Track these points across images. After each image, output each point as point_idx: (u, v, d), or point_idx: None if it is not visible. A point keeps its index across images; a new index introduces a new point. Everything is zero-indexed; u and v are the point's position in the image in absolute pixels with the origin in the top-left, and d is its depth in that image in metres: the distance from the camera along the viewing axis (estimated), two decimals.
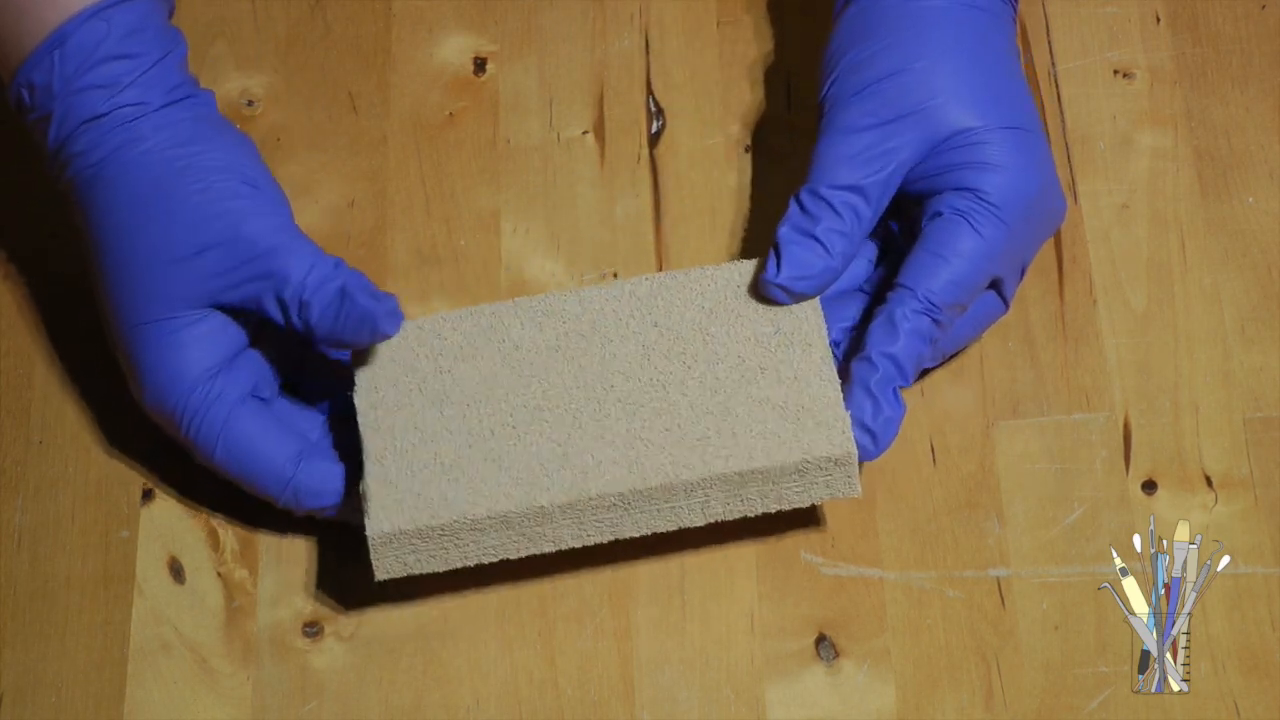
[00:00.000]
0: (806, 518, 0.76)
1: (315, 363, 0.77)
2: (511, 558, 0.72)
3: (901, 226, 0.77)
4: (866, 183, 0.73)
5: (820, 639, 0.74)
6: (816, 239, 0.73)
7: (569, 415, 0.72)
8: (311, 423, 0.75)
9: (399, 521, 0.71)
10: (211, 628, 0.76)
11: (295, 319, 0.72)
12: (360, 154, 0.85)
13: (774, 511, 0.72)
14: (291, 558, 0.77)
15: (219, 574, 0.76)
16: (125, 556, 0.77)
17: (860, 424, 0.72)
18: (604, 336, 0.74)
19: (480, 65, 0.86)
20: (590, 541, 0.72)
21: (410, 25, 0.87)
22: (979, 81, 0.74)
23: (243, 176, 0.74)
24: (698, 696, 0.74)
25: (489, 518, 0.71)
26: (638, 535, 0.72)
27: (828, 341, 0.73)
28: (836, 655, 0.74)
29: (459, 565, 0.72)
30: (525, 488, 0.71)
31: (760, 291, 0.74)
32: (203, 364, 0.73)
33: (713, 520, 0.72)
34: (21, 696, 0.75)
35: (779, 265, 0.73)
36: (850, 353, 0.74)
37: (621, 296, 0.75)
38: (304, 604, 0.76)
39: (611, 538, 0.72)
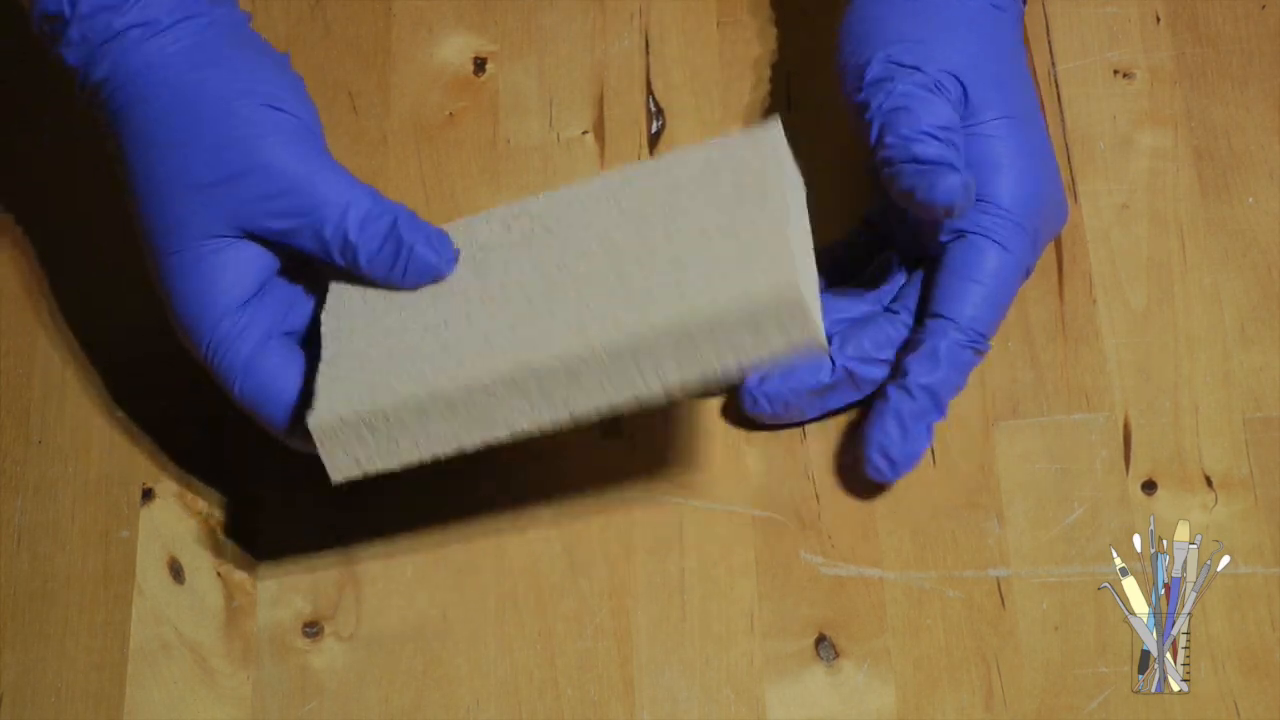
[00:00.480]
0: (806, 517, 0.76)
1: None
2: (467, 447, 0.69)
3: (913, 233, 0.76)
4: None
5: (820, 639, 0.74)
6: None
7: (522, 299, 0.69)
8: None
9: (340, 409, 0.68)
10: (211, 628, 0.76)
11: (338, 258, 0.71)
12: (360, 154, 0.85)
13: (736, 376, 0.68)
14: (291, 557, 0.77)
15: (219, 574, 0.77)
16: (125, 556, 0.77)
17: (883, 451, 0.73)
18: (568, 226, 0.71)
19: (480, 65, 0.86)
20: (546, 424, 0.68)
21: (410, 25, 0.87)
22: (990, 68, 0.74)
23: (265, 97, 0.71)
24: (698, 696, 0.74)
25: (432, 398, 0.68)
26: (596, 415, 0.68)
27: (785, 197, 0.69)
28: (836, 655, 0.74)
29: (413, 459, 0.69)
30: (469, 366, 0.68)
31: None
32: (230, 296, 0.71)
33: (673, 393, 0.67)
34: (21, 697, 0.75)
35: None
36: (879, 370, 0.75)
37: (589, 189, 0.72)
38: (304, 604, 0.76)
39: (568, 417, 0.68)
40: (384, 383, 0.68)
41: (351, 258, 0.71)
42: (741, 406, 0.76)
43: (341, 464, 0.69)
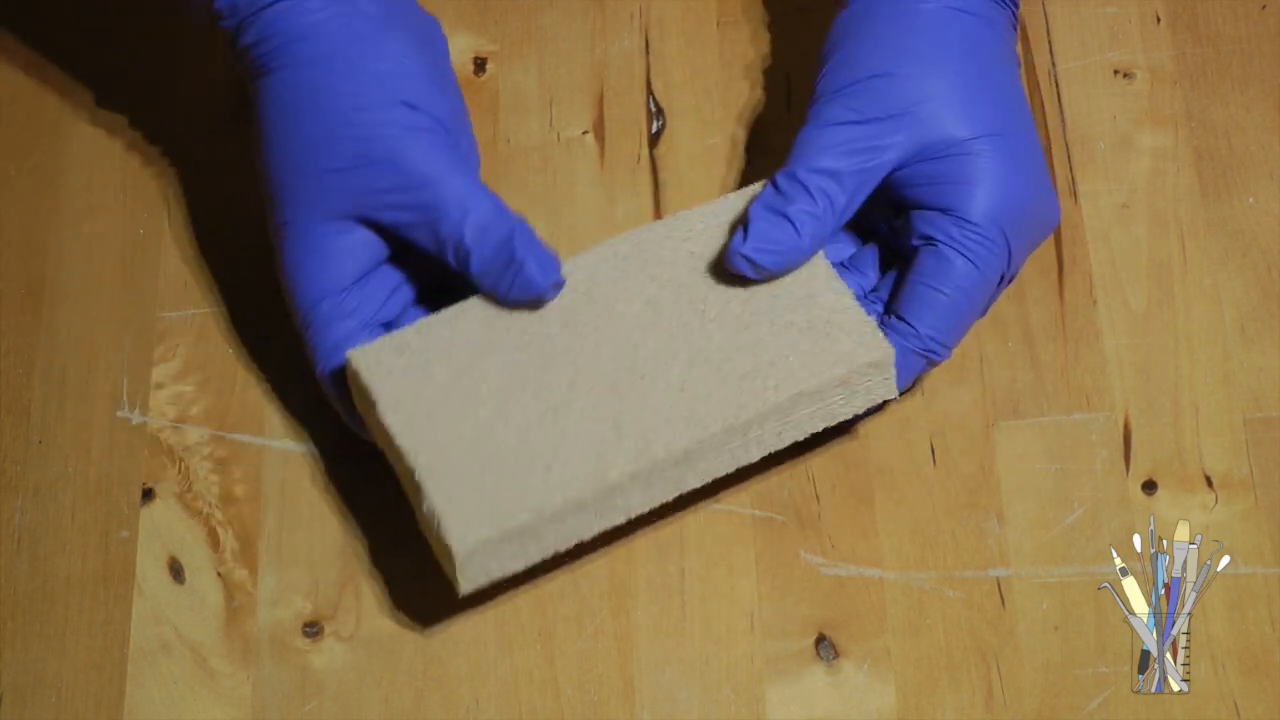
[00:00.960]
0: (806, 517, 0.76)
1: (452, 281, 0.76)
2: (586, 539, 0.71)
3: (890, 229, 0.76)
4: (845, 172, 0.73)
5: (820, 639, 0.74)
6: (787, 218, 0.73)
7: (604, 387, 0.72)
8: None
9: (481, 531, 0.69)
10: (211, 628, 0.76)
11: (451, 259, 0.72)
12: None
13: (820, 430, 0.73)
14: (291, 558, 0.77)
15: (219, 574, 0.76)
16: (125, 556, 0.77)
17: None
18: (605, 300, 0.74)
19: (480, 65, 0.86)
20: (657, 503, 0.72)
21: None
22: (970, 88, 0.74)
23: (404, 89, 0.73)
24: (698, 696, 0.74)
25: (566, 505, 0.70)
26: (699, 485, 0.72)
27: (826, 258, 0.74)
28: (836, 655, 0.74)
29: (537, 559, 0.71)
30: (593, 466, 0.70)
31: (726, 262, 0.73)
32: (334, 277, 0.73)
33: (766, 453, 0.72)
34: (21, 696, 0.75)
35: (745, 236, 0.73)
36: None
37: (608, 257, 0.75)
38: (304, 604, 0.76)
39: (676, 494, 0.72)
40: (510, 495, 0.70)
41: (464, 261, 0.72)
42: None
43: (476, 578, 0.70)
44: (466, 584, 0.70)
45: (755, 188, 0.76)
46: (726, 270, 0.74)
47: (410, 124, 0.73)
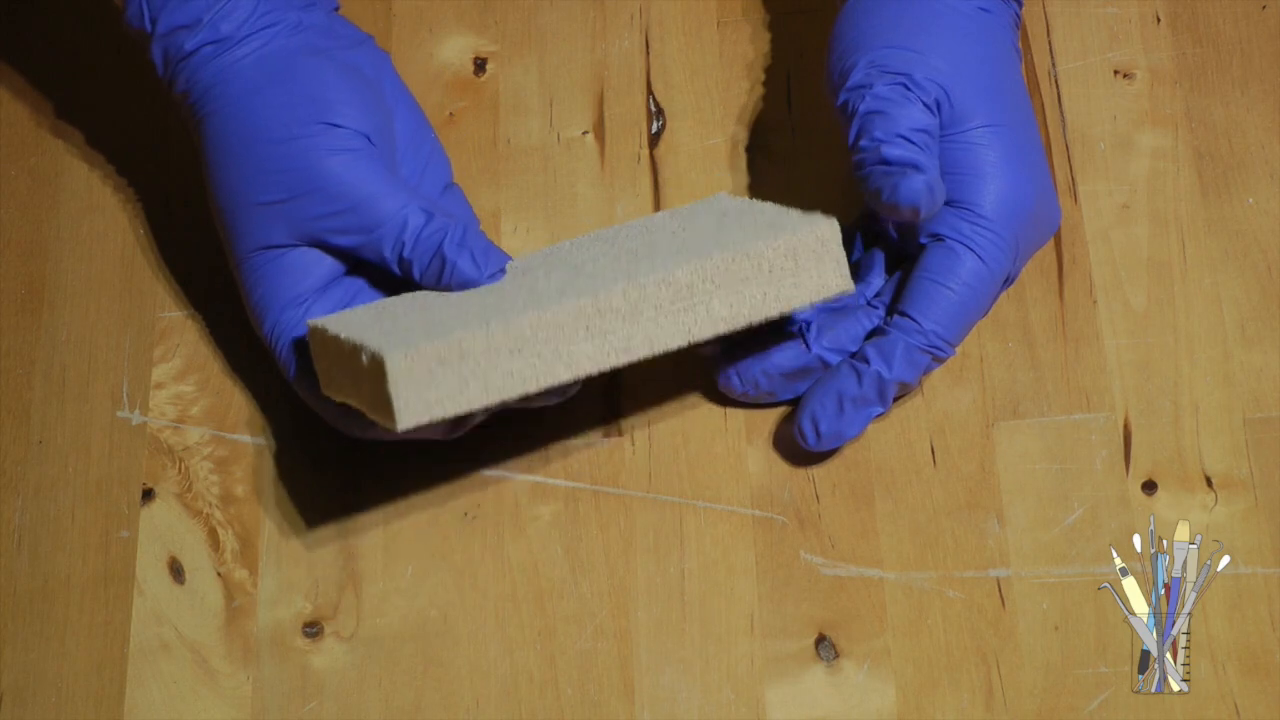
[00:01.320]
0: (806, 517, 0.76)
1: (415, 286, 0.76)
2: (530, 390, 0.69)
3: (897, 229, 0.76)
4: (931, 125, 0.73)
5: (820, 639, 0.74)
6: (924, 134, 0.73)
7: (556, 289, 0.71)
8: None
9: (414, 345, 0.68)
10: (211, 628, 0.76)
11: (396, 270, 0.74)
12: None
13: (775, 315, 0.72)
14: (291, 558, 0.77)
15: (219, 574, 0.76)
16: (125, 556, 0.77)
17: (814, 421, 0.74)
18: (560, 258, 0.75)
19: (480, 65, 0.86)
20: (606, 364, 0.70)
21: (410, 25, 0.87)
22: (978, 75, 0.74)
23: (324, 111, 0.74)
24: (698, 696, 0.74)
25: (502, 332, 0.68)
26: (651, 354, 0.70)
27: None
28: (836, 655, 0.74)
29: (480, 403, 0.69)
30: (534, 304, 0.70)
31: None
32: (294, 292, 0.74)
33: (719, 330, 0.71)
34: (21, 696, 0.75)
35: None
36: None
37: (596, 242, 0.76)
38: (304, 604, 0.76)
39: (625, 358, 0.70)
40: (451, 326, 0.69)
41: (407, 271, 0.74)
42: (716, 383, 0.77)
43: (412, 406, 0.68)
44: (403, 413, 0.67)
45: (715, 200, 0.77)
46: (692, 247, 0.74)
47: (334, 145, 0.74)
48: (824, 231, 0.72)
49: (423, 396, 0.68)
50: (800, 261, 0.72)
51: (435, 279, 0.74)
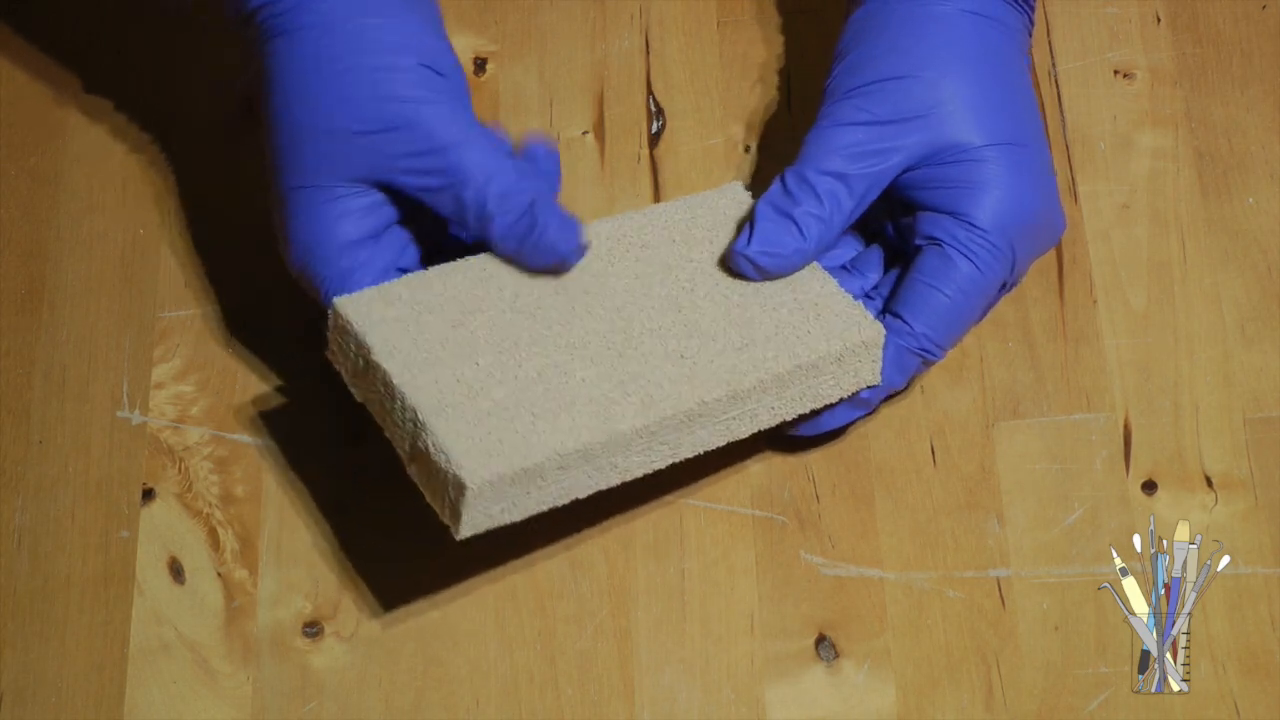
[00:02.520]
0: (806, 517, 0.76)
1: (451, 246, 0.76)
2: (582, 496, 0.71)
3: (895, 229, 0.76)
4: (853, 174, 0.73)
5: (820, 639, 0.74)
6: (793, 220, 0.73)
7: (603, 348, 0.72)
8: None
9: (495, 467, 0.68)
10: (211, 628, 0.76)
11: (472, 223, 0.72)
12: None
13: (808, 411, 0.73)
14: (291, 558, 0.77)
15: (219, 574, 0.76)
16: (125, 556, 0.77)
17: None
18: (596, 273, 0.74)
19: (480, 65, 0.86)
20: (653, 468, 0.71)
21: None
22: (984, 95, 0.74)
23: (423, 56, 0.72)
24: (698, 696, 0.74)
25: (575, 452, 0.69)
26: (694, 454, 0.72)
27: (820, 269, 0.75)
28: (836, 655, 0.74)
29: (535, 511, 0.70)
30: (601, 418, 0.70)
31: (728, 262, 0.74)
32: (351, 235, 0.73)
33: (757, 429, 0.72)
34: (21, 696, 0.75)
35: (750, 238, 0.73)
36: None
37: (598, 235, 0.75)
38: (304, 604, 0.76)
39: (671, 460, 0.72)
40: (519, 438, 0.69)
41: (486, 226, 0.72)
42: None
43: (477, 521, 0.69)
44: (468, 527, 0.69)
45: (735, 189, 0.77)
46: (718, 260, 0.74)
47: (433, 88, 0.72)
48: (871, 335, 0.73)
49: (488, 511, 0.69)
50: (845, 364, 0.73)
51: (519, 240, 0.72)
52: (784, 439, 0.76)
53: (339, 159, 0.72)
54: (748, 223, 0.74)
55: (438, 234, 0.76)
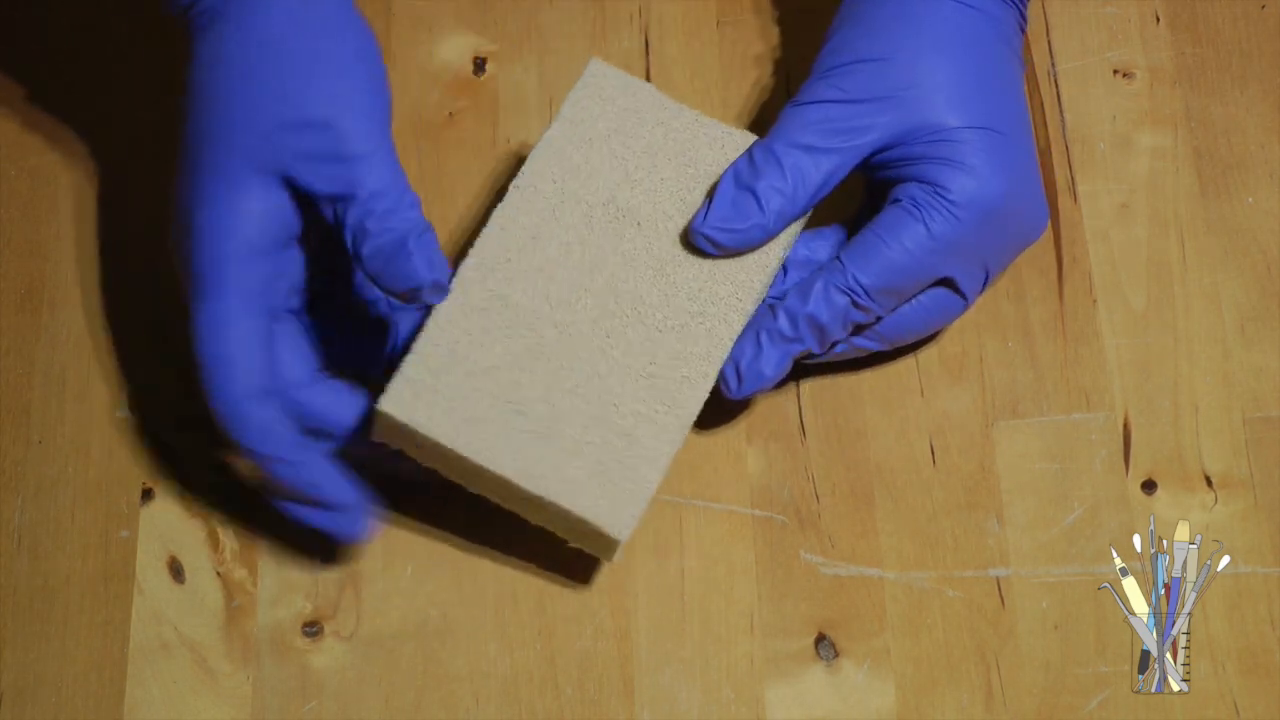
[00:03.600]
0: (806, 517, 0.76)
1: (342, 287, 0.75)
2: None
3: (869, 212, 0.77)
4: (822, 149, 0.73)
5: (820, 639, 0.74)
6: (753, 193, 0.73)
7: (591, 409, 0.72)
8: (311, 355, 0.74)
9: (633, 513, 0.70)
10: (211, 628, 0.76)
11: (348, 236, 0.70)
12: None
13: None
14: (291, 558, 0.77)
15: (219, 574, 0.77)
16: (125, 556, 0.77)
17: (734, 362, 0.73)
18: (581, 266, 0.74)
19: (480, 65, 0.86)
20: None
21: (410, 25, 0.87)
22: (962, 79, 0.73)
23: (356, 63, 0.71)
24: (698, 696, 0.74)
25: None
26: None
27: (727, 350, 0.74)
28: (836, 655, 0.74)
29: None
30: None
31: (687, 238, 0.74)
32: (253, 238, 0.70)
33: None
34: (21, 696, 0.75)
35: (707, 212, 0.73)
36: None
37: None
38: (304, 604, 0.76)
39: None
40: (627, 474, 0.71)
41: (359, 241, 0.70)
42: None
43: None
44: (619, 554, 0.72)
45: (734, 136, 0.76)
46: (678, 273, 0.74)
47: (358, 96, 0.71)
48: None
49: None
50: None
51: (384, 261, 0.70)
52: (795, 444, 0.76)
53: (253, 149, 0.70)
54: (707, 196, 0.74)
55: (326, 268, 0.74)
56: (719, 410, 0.78)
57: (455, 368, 0.71)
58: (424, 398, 0.71)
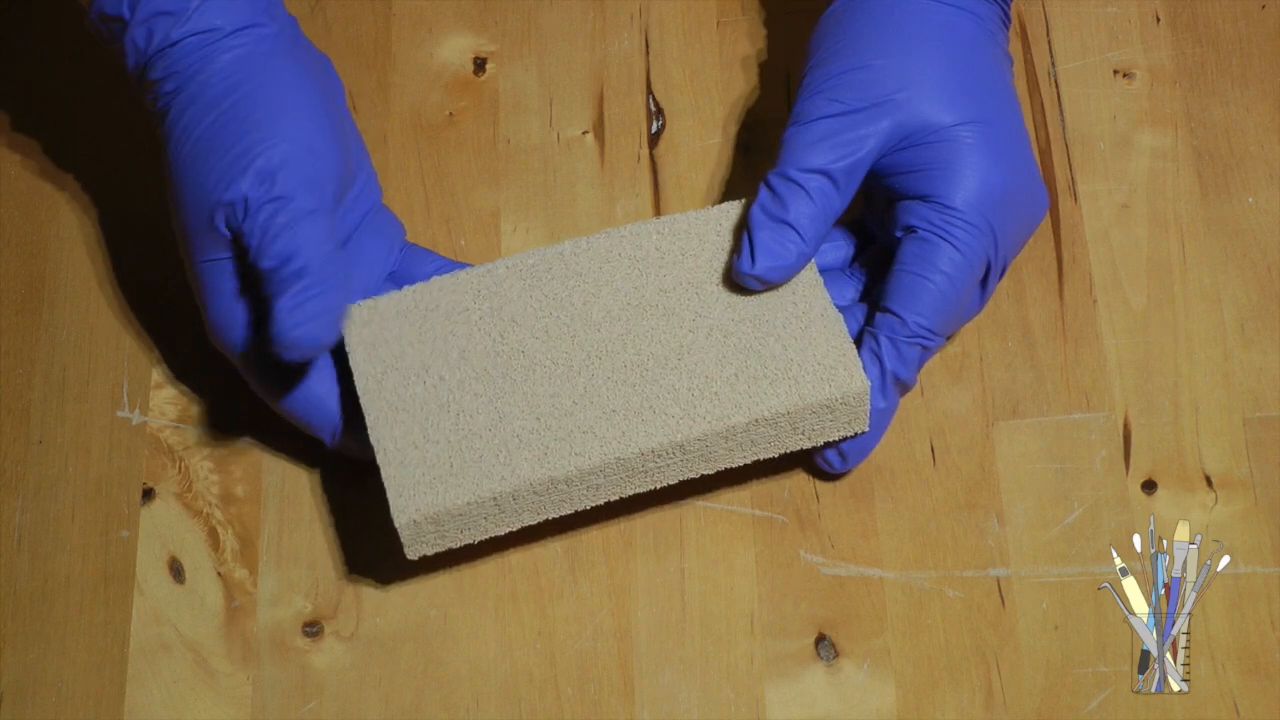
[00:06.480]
0: (806, 517, 0.76)
1: None
2: (531, 524, 0.72)
3: (871, 217, 0.77)
4: (835, 167, 0.73)
5: (820, 639, 0.74)
6: (789, 224, 0.73)
7: (573, 377, 0.72)
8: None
9: (420, 508, 0.71)
10: (211, 628, 0.76)
11: (263, 293, 0.72)
12: None
13: (776, 455, 0.73)
14: (291, 558, 0.77)
15: (219, 574, 0.77)
16: (125, 556, 0.77)
17: (835, 446, 0.75)
18: (589, 289, 0.74)
19: (480, 65, 0.86)
20: (604, 499, 0.72)
21: (410, 25, 0.87)
22: (949, 75, 0.74)
23: (298, 132, 0.72)
24: (698, 696, 0.74)
25: (503, 495, 0.71)
26: (650, 489, 0.73)
27: (816, 270, 0.74)
28: (836, 655, 0.74)
29: (495, 533, 0.72)
30: (538, 462, 0.71)
31: (734, 281, 0.74)
32: (253, 313, 0.73)
33: (730, 466, 0.73)
34: (21, 696, 0.75)
35: (753, 256, 0.73)
36: None
37: (598, 248, 0.75)
38: (304, 604, 0.76)
39: (626, 493, 0.72)
40: (459, 475, 0.71)
41: (263, 287, 0.71)
42: None
43: (420, 548, 0.72)
44: (411, 552, 0.72)
45: (728, 208, 0.76)
46: (710, 274, 0.74)
47: (297, 168, 0.72)
48: (856, 389, 0.72)
49: (428, 541, 0.72)
50: (824, 416, 0.72)
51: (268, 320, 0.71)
52: (819, 471, 0.76)
53: (210, 237, 0.72)
54: (745, 237, 0.74)
55: None
56: None
57: (421, 325, 0.73)
58: (380, 328, 0.73)
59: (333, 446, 0.75)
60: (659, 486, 0.73)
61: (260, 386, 0.74)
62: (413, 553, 0.72)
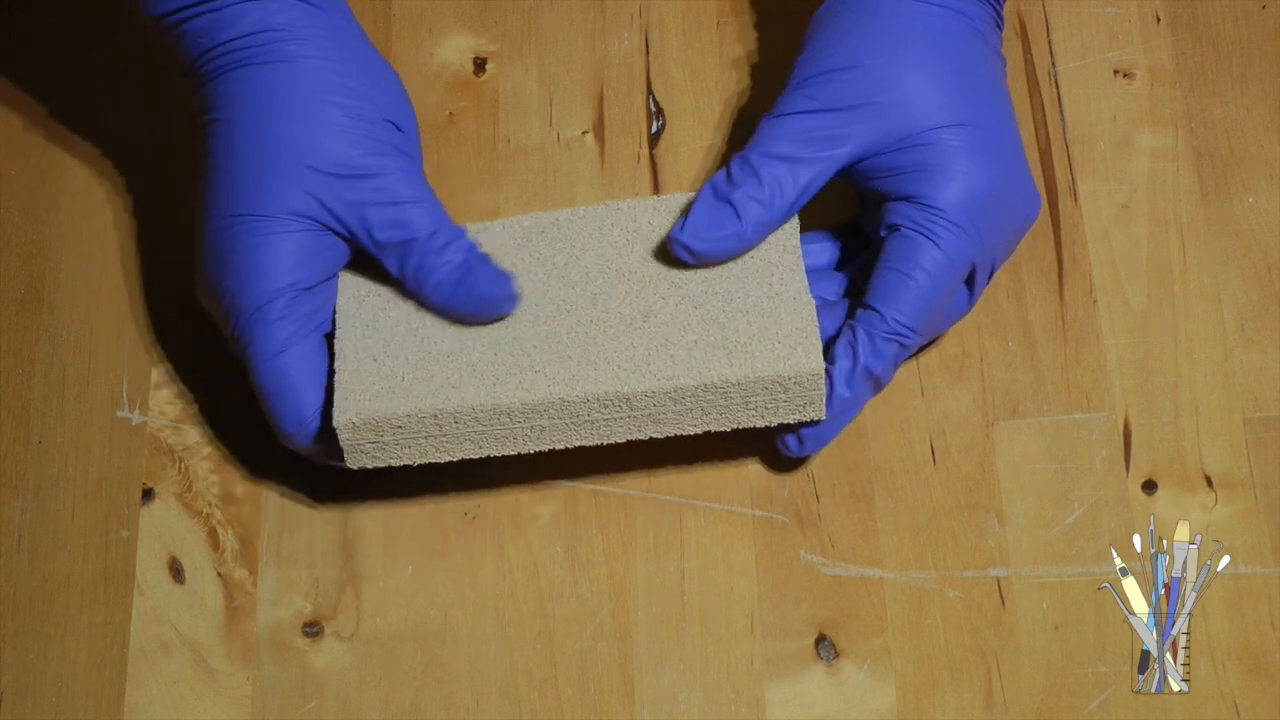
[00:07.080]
0: (806, 517, 0.76)
1: None
2: (476, 456, 0.73)
3: (866, 219, 0.77)
4: (800, 158, 0.73)
5: (820, 639, 0.74)
6: (730, 203, 0.73)
7: (538, 325, 0.73)
8: None
9: (362, 411, 0.71)
10: (211, 628, 0.76)
11: (410, 275, 0.73)
12: None
13: (729, 430, 0.73)
14: (291, 558, 0.77)
15: (219, 574, 0.77)
16: (125, 556, 0.77)
17: (795, 431, 0.74)
18: (574, 251, 0.75)
19: (480, 65, 0.86)
20: (548, 445, 0.73)
21: (410, 25, 0.87)
22: (937, 77, 0.73)
23: (389, 111, 0.74)
24: (698, 696, 0.74)
25: (454, 412, 0.71)
26: (595, 444, 0.73)
27: (801, 256, 0.74)
28: (836, 655, 0.74)
29: (436, 459, 0.72)
30: (499, 388, 0.72)
31: (668, 248, 0.74)
32: (286, 275, 0.73)
33: (674, 434, 0.73)
34: (21, 696, 0.75)
35: (684, 223, 0.74)
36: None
37: (592, 217, 0.76)
38: (304, 604, 0.76)
39: (572, 444, 0.73)
40: (408, 394, 0.72)
41: (422, 279, 0.73)
42: None
43: (360, 457, 0.72)
44: (352, 460, 0.73)
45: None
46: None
47: (396, 144, 0.74)
48: (812, 368, 0.72)
49: (368, 451, 0.73)
50: (776, 393, 0.72)
51: (448, 293, 0.73)
52: (778, 457, 0.76)
53: (294, 192, 0.72)
54: (683, 210, 0.74)
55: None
56: None
57: (385, 345, 0.74)
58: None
59: (293, 441, 0.74)
60: (606, 443, 0.73)
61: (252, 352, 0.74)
62: (353, 461, 0.72)
